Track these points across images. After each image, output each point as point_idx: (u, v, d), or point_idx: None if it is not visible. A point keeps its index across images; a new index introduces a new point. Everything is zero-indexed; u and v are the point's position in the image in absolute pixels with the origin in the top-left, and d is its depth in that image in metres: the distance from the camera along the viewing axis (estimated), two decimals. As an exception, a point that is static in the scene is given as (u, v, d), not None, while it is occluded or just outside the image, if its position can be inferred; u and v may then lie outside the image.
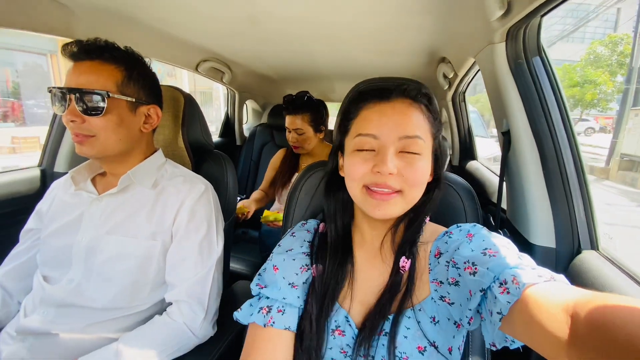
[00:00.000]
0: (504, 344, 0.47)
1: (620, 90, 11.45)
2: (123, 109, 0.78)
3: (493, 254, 0.50)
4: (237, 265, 1.68)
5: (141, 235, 0.80)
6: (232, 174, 1.07)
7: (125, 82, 0.77)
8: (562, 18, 15.07)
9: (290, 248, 0.67)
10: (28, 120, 9.37)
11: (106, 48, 0.77)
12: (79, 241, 0.80)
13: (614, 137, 9.34)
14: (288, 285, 0.61)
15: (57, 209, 0.86)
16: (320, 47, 1.49)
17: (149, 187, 0.84)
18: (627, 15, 14.67)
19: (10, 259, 0.88)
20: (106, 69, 0.75)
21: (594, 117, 15.32)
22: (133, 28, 1.22)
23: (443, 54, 1.41)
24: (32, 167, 1.32)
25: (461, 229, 0.60)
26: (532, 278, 0.43)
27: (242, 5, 1.03)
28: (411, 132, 0.55)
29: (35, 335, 0.76)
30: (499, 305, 0.44)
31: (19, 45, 8.48)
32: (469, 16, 0.90)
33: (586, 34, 21.18)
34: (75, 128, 0.75)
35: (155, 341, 0.76)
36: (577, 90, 13.77)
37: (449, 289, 0.54)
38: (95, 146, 0.77)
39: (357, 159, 0.57)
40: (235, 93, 2.37)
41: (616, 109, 12.93)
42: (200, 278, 0.82)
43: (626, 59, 12.51)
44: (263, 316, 0.59)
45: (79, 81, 0.74)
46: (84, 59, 0.75)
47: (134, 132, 0.82)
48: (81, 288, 0.77)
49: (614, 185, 8.25)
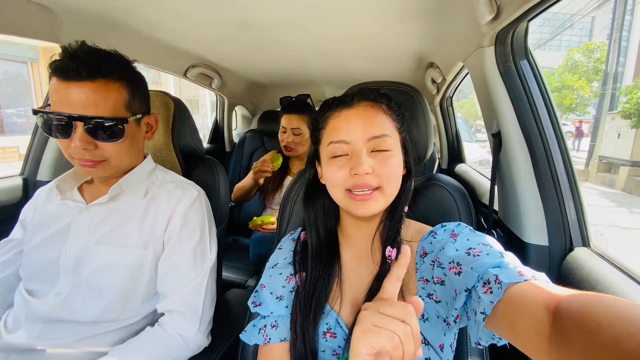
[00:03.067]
0: (491, 341, 0.48)
1: (597, 95, 11.93)
2: (133, 127, 0.76)
3: (477, 254, 0.51)
4: (229, 274, 1.64)
5: (132, 244, 0.78)
6: (223, 180, 1.05)
7: (131, 100, 0.74)
8: (539, 27, 15.66)
9: (276, 263, 0.71)
10: (7, 129, 9.06)
11: (107, 61, 0.69)
12: (66, 252, 0.76)
13: (592, 140, 9.69)
14: (276, 300, 0.65)
15: (40, 220, 0.82)
16: (310, 52, 1.50)
17: (141, 195, 0.82)
18: (602, 24, 15.36)
19: None
20: (112, 89, 0.69)
21: (572, 121, 15.85)
22: (120, 32, 1.20)
23: (431, 59, 1.44)
24: (14, 175, 1.27)
25: (445, 229, 0.61)
26: (513, 277, 0.43)
27: (233, 10, 1.03)
28: (378, 132, 0.59)
29: (20, 352, 0.72)
30: (482, 305, 0.44)
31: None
32: (459, 21, 0.92)
33: (562, 42, 22.06)
34: (86, 155, 0.71)
35: (147, 353, 0.73)
36: (555, 95, 14.28)
37: (435, 287, 0.55)
38: (108, 169, 0.75)
39: (334, 167, 0.61)
40: (225, 99, 2.35)
41: (593, 113, 13.45)
42: (193, 286, 0.80)
43: (602, 65, 13.06)
44: (262, 335, 0.64)
45: (85, 106, 0.66)
46: (85, 79, 0.66)
47: (140, 145, 0.82)
48: (69, 301, 0.74)
49: (594, 187, 8.53)
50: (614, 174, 8.59)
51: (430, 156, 2.33)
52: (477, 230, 0.61)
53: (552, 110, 0.83)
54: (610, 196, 7.85)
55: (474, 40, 0.90)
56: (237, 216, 2.06)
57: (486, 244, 0.53)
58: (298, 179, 0.89)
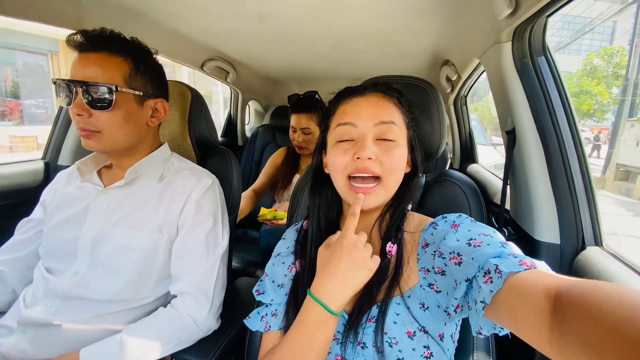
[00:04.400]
0: (492, 331, 0.48)
1: (616, 102, 11.61)
2: (130, 103, 0.77)
3: (478, 244, 0.51)
4: (239, 264, 1.67)
5: (147, 227, 0.80)
6: (237, 170, 1.07)
7: (132, 75, 0.76)
8: (558, 30, 15.33)
9: (279, 252, 0.74)
10: (26, 119, 9.33)
11: (113, 39, 0.75)
12: (84, 233, 0.79)
13: (610, 148, 9.45)
14: (277, 288, 0.68)
15: (60, 201, 0.85)
16: (324, 47, 1.51)
17: (156, 180, 0.84)
18: (624, 29, 14.95)
19: (9, 248, 0.87)
20: (113, 61, 0.74)
21: (589, 127, 15.46)
22: (141, 22, 1.22)
23: (447, 56, 1.43)
24: (36, 159, 1.32)
25: (447, 220, 0.61)
26: (513, 266, 0.43)
27: (253, 2, 1.05)
28: (386, 117, 0.60)
29: (37, 327, 0.75)
30: (482, 295, 0.44)
31: (20, 45, 8.46)
32: (476, 16, 0.92)
33: (582, 45, 21.53)
34: (82, 122, 0.74)
35: (160, 332, 0.75)
36: (573, 100, 13.95)
37: (435, 277, 0.55)
38: (101, 141, 0.76)
39: (339, 151, 0.62)
40: (239, 93, 2.38)
41: (611, 120, 13.10)
42: (205, 271, 0.82)
43: (621, 71, 12.70)
44: (263, 323, 0.66)
45: (85, 73, 0.72)
46: (90, 50, 0.73)
47: (141, 126, 0.81)
48: (86, 280, 0.77)
49: (610, 195, 8.32)
50: (631, 182, 8.36)
51: (442, 155, 2.30)
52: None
53: (569, 108, 0.82)
54: (627, 205, 7.64)
55: (491, 36, 0.90)
56: (247, 209, 2.09)
57: (487, 234, 0.53)
58: (307, 174, 0.90)
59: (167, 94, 0.88)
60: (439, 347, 0.56)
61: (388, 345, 0.55)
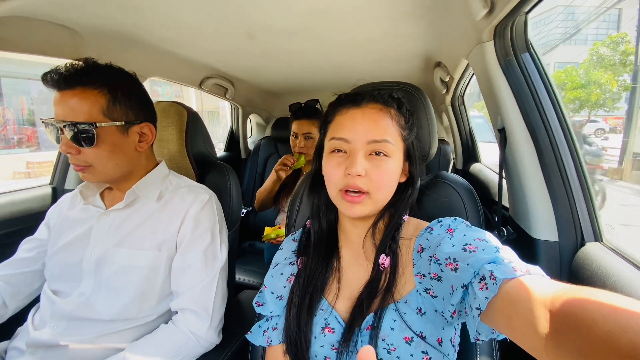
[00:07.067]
0: (491, 336, 0.47)
1: (627, 88, 11.29)
2: (114, 134, 0.77)
3: (473, 250, 0.51)
4: (244, 277, 1.68)
5: (147, 246, 0.82)
6: (235, 184, 1.09)
7: (110, 106, 0.76)
8: (562, 22, 15.11)
9: (277, 263, 0.74)
10: (42, 145, 9.66)
11: (85, 72, 0.74)
12: (88, 255, 0.81)
13: (625, 137, 9.15)
14: (276, 299, 0.68)
15: (64, 224, 0.88)
16: (318, 59, 1.53)
17: (154, 200, 0.86)
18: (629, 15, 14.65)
19: (10, 264, 0.88)
20: (89, 96, 0.73)
21: (602, 118, 15.05)
22: (139, 49, 1.27)
23: (438, 58, 1.44)
24: (44, 185, 1.37)
25: (442, 224, 0.61)
26: (508, 272, 0.43)
27: (240, 21, 1.08)
28: (379, 136, 0.60)
29: (46, 348, 0.77)
30: (478, 301, 0.45)
31: (35, 75, 8.82)
32: (457, 18, 0.92)
33: (588, 35, 21.14)
34: (73, 159, 0.76)
35: (162, 349, 0.76)
36: (581, 92, 13.62)
37: (431, 282, 0.55)
38: (95, 174, 0.79)
39: (332, 162, 0.63)
40: (239, 108, 2.42)
41: (624, 108, 12.73)
42: (204, 286, 0.83)
43: (629, 57, 12.37)
44: (265, 337, 0.67)
45: (65, 112, 0.72)
46: (65, 88, 0.73)
47: (130, 153, 0.82)
48: (91, 301, 0.79)
49: (629, 186, 8.02)
50: (650, 172, 8.06)
51: (445, 157, 2.28)
52: (487, 228, 0.61)
53: (557, 103, 0.81)
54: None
55: (473, 36, 0.90)
56: (253, 221, 2.10)
57: (482, 239, 0.53)
58: (305, 181, 0.90)
59: (152, 116, 0.88)
60: (438, 352, 0.56)
61: (386, 351, 0.55)
